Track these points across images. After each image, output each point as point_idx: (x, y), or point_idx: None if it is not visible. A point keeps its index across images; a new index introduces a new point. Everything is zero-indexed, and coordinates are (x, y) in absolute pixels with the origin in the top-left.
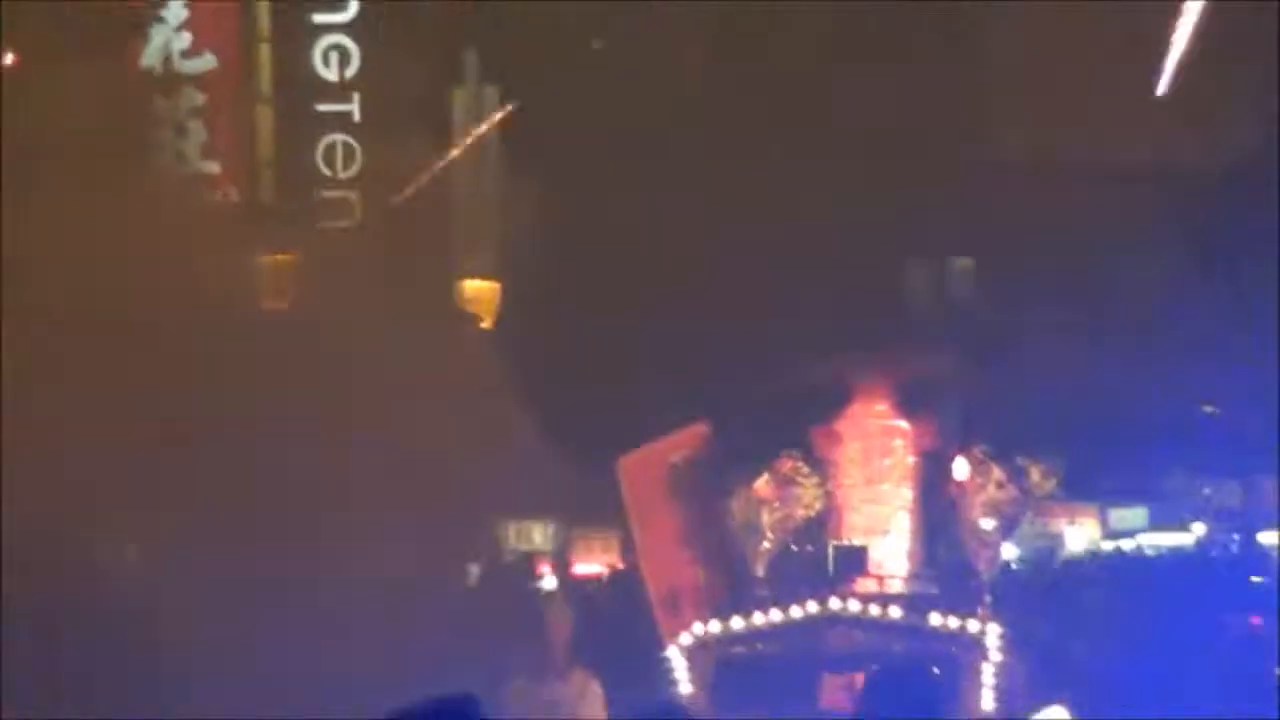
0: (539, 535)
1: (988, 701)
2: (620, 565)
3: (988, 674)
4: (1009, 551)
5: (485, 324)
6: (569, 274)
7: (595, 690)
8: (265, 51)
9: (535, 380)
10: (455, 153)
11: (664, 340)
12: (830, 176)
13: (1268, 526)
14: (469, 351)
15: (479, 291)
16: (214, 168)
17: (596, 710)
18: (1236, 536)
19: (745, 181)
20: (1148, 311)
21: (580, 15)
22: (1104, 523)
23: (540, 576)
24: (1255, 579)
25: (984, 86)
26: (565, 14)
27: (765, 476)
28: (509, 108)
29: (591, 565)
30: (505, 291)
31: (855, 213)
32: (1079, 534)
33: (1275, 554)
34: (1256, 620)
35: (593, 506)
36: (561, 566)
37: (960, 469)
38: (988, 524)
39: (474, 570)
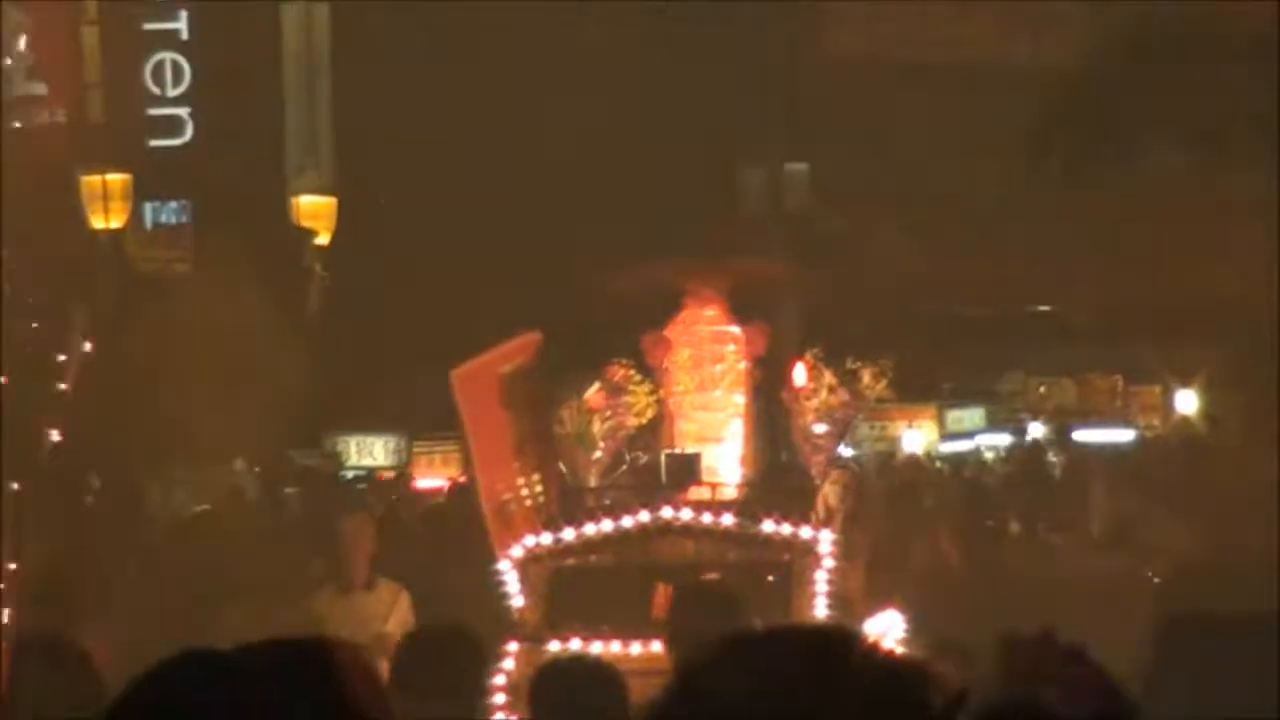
0: (380, 450)
1: (821, 608)
2: (461, 479)
3: (821, 580)
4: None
5: (322, 239)
6: (402, 188)
7: (404, 602)
8: None
9: (372, 294)
10: (287, 69)
11: (497, 249)
12: (665, 81)
13: (1102, 424)
14: (305, 269)
15: (315, 207)
16: (41, 89)
17: (406, 620)
18: (1071, 433)
19: (580, 87)
20: (981, 213)
21: None
22: (942, 423)
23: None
24: None
25: None
26: None
27: (596, 385)
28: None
29: (433, 479)
30: (341, 207)
31: (689, 118)
32: (917, 436)
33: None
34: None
35: (433, 421)
36: (404, 480)
37: (793, 374)
38: (820, 428)
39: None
